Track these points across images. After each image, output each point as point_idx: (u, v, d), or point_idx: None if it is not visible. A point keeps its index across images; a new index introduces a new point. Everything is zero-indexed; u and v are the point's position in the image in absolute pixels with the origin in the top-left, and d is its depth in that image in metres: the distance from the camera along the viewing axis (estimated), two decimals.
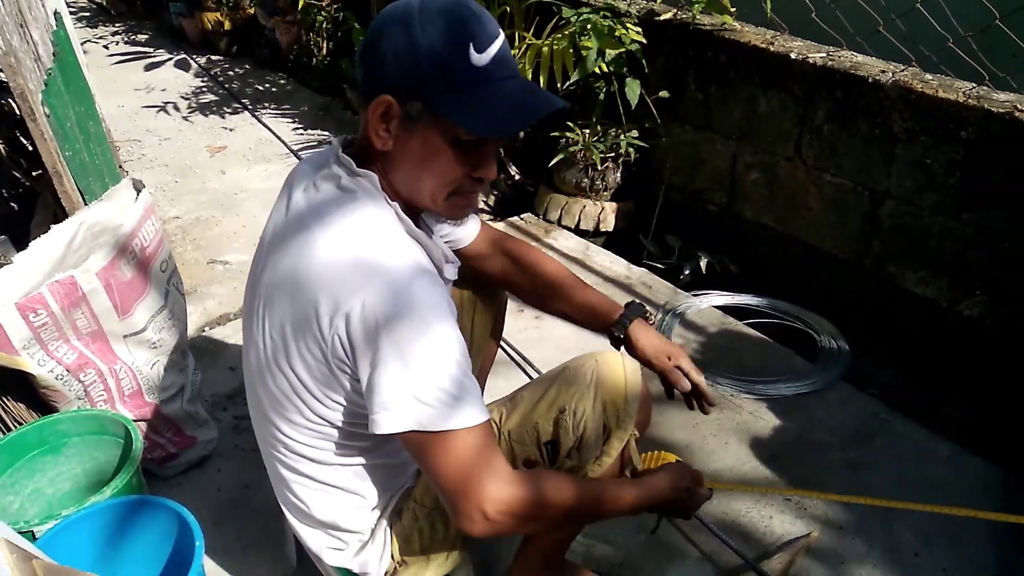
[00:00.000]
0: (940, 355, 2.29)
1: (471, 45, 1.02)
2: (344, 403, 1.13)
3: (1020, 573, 1.65)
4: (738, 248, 2.79)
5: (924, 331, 2.33)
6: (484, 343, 1.67)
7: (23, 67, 1.80)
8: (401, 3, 1.04)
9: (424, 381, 1.01)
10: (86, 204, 2.00)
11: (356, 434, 1.17)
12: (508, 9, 2.86)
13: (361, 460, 1.22)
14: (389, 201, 1.11)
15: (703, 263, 2.78)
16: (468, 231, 1.50)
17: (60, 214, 2.03)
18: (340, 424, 1.16)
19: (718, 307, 2.53)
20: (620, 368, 1.25)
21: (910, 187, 2.22)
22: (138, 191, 1.79)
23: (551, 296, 1.52)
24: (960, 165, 2.09)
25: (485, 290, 1.60)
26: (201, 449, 1.92)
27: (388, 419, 1.02)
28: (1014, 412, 2.05)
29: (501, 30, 1.07)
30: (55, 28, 2.47)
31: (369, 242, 1.06)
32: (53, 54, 2.27)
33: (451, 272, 1.25)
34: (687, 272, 2.80)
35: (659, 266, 2.84)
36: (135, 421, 1.78)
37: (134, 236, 1.68)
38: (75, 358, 1.63)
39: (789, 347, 2.36)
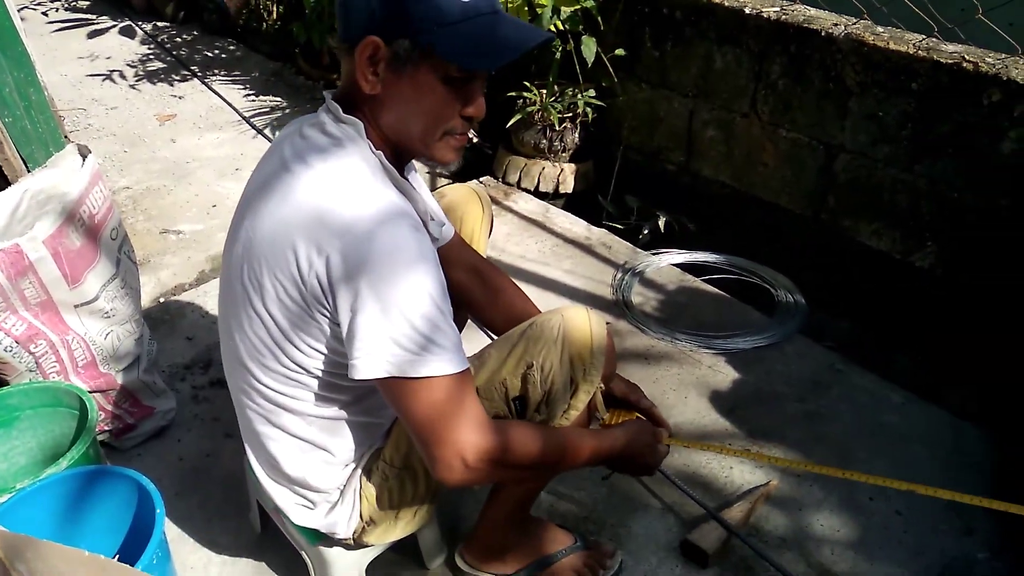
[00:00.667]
0: (894, 306, 2.34)
1: None
2: (322, 350, 1.12)
3: (969, 511, 1.70)
4: (696, 206, 2.81)
5: (878, 283, 2.37)
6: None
7: None
8: None
9: (404, 327, 1.01)
10: (29, 172, 1.94)
11: (333, 384, 1.17)
12: None
13: (336, 414, 1.22)
14: (374, 149, 1.11)
15: (661, 222, 2.80)
16: (446, 231, 1.47)
17: (2, 183, 1.97)
18: (317, 372, 1.15)
19: (677, 265, 2.55)
20: (586, 322, 1.25)
21: (864, 140, 2.25)
22: (84, 157, 1.73)
23: (507, 324, 1.49)
24: (912, 116, 2.12)
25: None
26: (160, 419, 1.89)
27: (367, 364, 1.02)
28: (964, 359, 2.11)
29: None
30: None
31: (351, 186, 1.06)
32: None
33: (434, 229, 1.24)
34: (646, 232, 2.82)
35: (618, 226, 2.85)
36: (91, 392, 1.75)
37: (82, 203, 1.63)
38: (24, 329, 1.59)
39: (747, 302, 2.38)
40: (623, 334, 2.22)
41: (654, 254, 2.59)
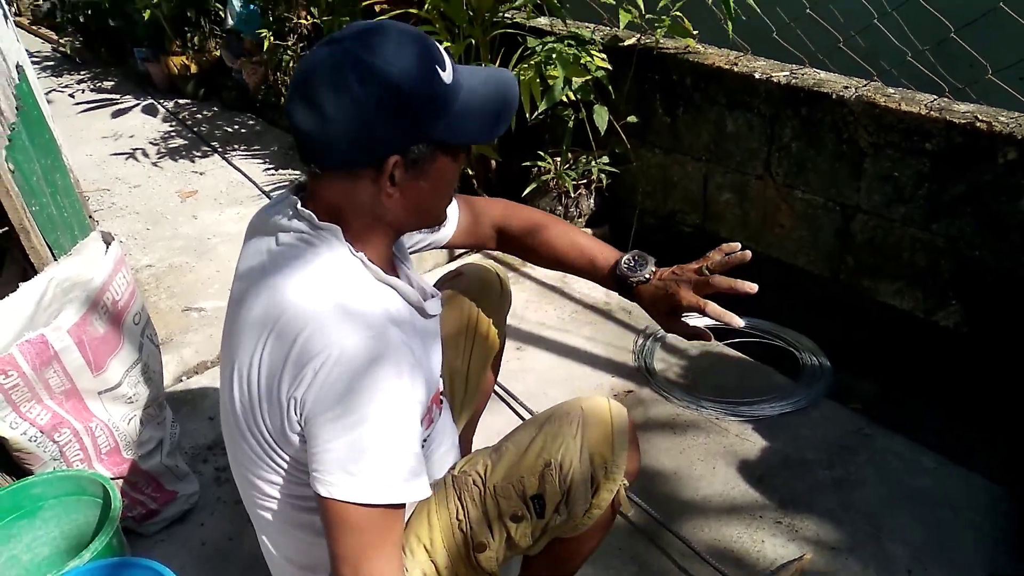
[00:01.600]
0: (921, 365, 2.31)
1: (437, 68, 1.03)
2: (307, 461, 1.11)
3: None
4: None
5: (903, 342, 2.34)
6: (479, 379, 1.64)
7: None
8: (341, 61, 0.99)
9: (362, 455, 0.99)
10: (55, 259, 1.97)
11: None
12: (474, 41, 2.88)
13: None
14: (354, 252, 1.09)
15: None
16: (446, 230, 1.45)
17: (29, 270, 2.00)
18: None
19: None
20: (607, 416, 1.23)
21: (880, 201, 2.24)
22: (107, 244, 1.76)
23: (548, 255, 1.50)
24: (927, 176, 2.12)
25: (482, 326, 1.59)
26: (183, 504, 1.88)
27: (321, 484, 1.00)
28: (996, 420, 2.06)
29: None
30: (17, 82, 2.44)
31: (332, 299, 1.02)
32: (16, 108, 2.24)
33: (434, 306, 1.22)
34: None
35: None
36: (114, 479, 1.75)
37: (105, 290, 1.66)
38: (49, 418, 1.60)
39: (771, 366, 2.36)
40: (647, 403, 2.20)
41: None
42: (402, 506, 1.04)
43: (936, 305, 2.22)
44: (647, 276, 1.39)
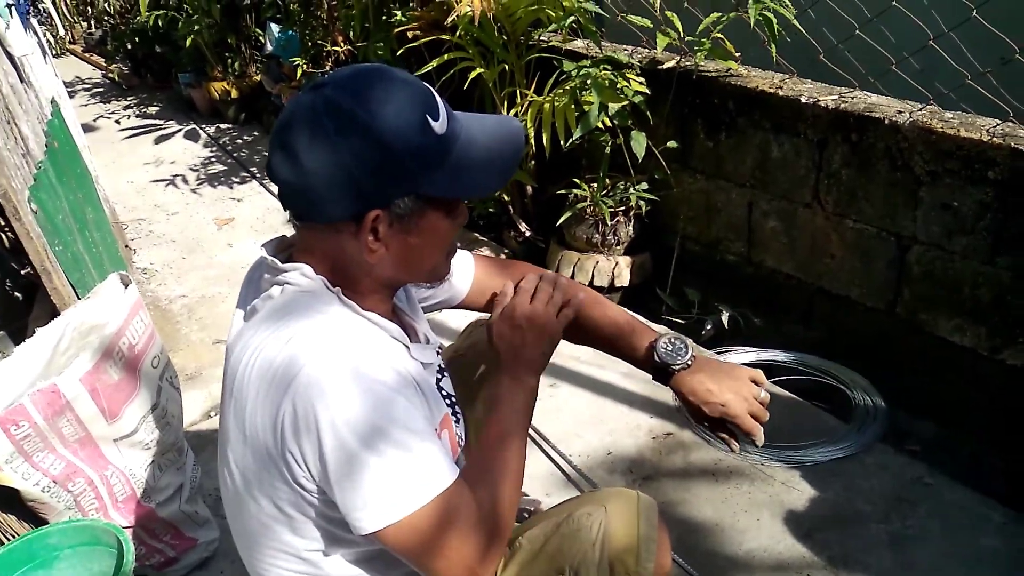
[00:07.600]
0: (984, 406, 2.15)
1: (428, 118, 0.96)
2: (323, 526, 1.03)
3: None
4: (761, 298, 2.68)
5: (965, 381, 2.19)
6: None
7: (6, 166, 1.75)
8: (321, 109, 0.94)
9: (385, 478, 0.93)
10: (78, 298, 1.94)
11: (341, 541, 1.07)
12: (507, 66, 2.81)
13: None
14: (343, 300, 1.02)
15: (725, 317, 2.67)
16: (459, 286, 1.36)
17: (53, 312, 1.98)
18: (327, 547, 1.06)
19: (744, 364, 2.40)
20: (634, 519, 1.12)
21: (937, 231, 2.10)
22: (125, 286, 1.72)
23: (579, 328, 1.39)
24: (990, 207, 1.97)
25: None
26: (202, 551, 1.83)
27: (366, 519, 0.93)
28: None
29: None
30: (50, 118, 2.44)
31: (337, 359, 0.95)
32: (46, 145, 2.23)
33: (423, 354, 1.11)
34: (709, 327, 2.69)
35: (679, 321, 2.73)
36: (131, 527, 1.70)
37: (121, 335, 1.61)
38: (62, 468, 1.55)
39: (822, 404, 2.22)
40: (688, 446, 2.08)
41: (719, 352, 2.46)
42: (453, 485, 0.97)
43: (1001, 343, 2.07)
44: (688, 363, 1.29)
